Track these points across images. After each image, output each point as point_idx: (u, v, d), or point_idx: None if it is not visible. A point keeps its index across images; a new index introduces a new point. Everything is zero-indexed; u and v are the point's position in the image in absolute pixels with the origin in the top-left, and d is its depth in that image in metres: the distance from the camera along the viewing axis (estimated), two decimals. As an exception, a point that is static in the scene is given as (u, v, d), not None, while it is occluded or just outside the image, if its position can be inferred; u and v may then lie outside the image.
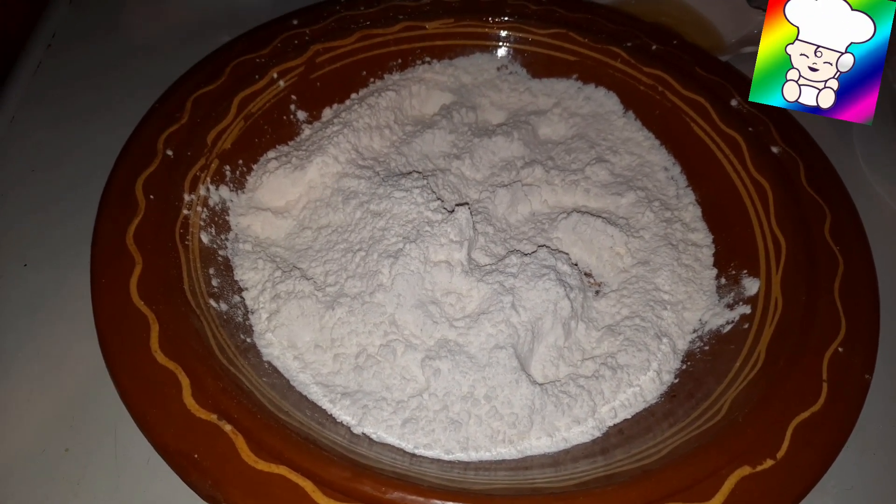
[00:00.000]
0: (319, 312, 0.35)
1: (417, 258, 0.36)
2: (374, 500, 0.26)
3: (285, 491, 0.26)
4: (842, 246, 0.36)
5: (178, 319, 0.31)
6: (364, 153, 0.43)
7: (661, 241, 0.41)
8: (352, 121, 0.43)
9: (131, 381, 0.29)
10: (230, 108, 0.41)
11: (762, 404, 0.30)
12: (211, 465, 0.27)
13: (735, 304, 0.37)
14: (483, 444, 0.32)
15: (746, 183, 0.40)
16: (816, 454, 0.29)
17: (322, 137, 0.43)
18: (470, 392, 0.33)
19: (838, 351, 0.32)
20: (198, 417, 0.28)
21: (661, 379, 0.35)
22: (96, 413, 0.36)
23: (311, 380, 0.34)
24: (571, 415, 0.33)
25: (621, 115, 0.47)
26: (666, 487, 0.27)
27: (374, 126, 0.44)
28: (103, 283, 0.32)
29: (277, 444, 0.27)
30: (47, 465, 0.34)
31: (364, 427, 0.32)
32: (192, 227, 0.36)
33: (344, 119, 0.44)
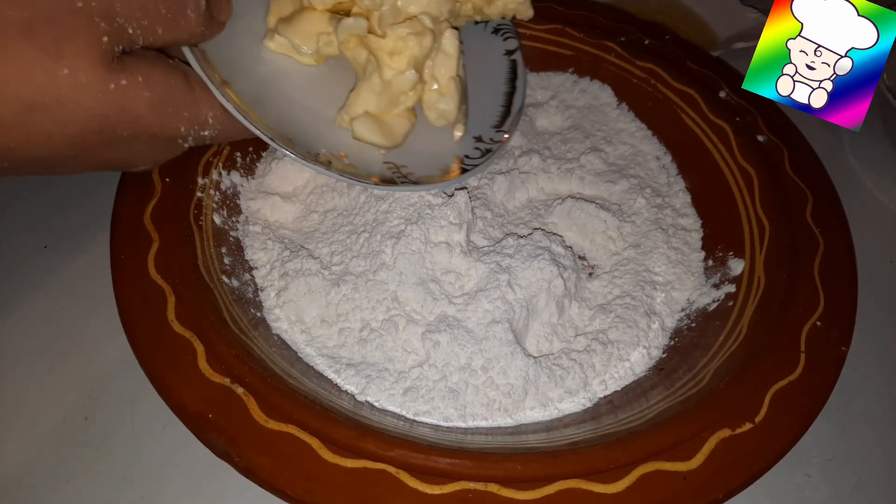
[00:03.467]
0: (325, 289, 0.37)
1: (418, 239, 0.38)
2: (377, 457, 0.28)
3: (294, 448, 0.28)
4: (822, 228, 0.38)
5: (192, 292, 0.33)
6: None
7: (651, 225, 0.43)
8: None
9: (150, 349, 0.31)
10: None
11: (743, 373, 0.32)
12: (225, 424, 0.29)
13: (721, 284, 0.39)
14: (480, 412, 0.34)
15: (733, 170, 0.42)
16: (793, 419, 0.31)
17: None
18: (468, 363, 0.35)
19: (816, 325, 0.34)
20: (212, 381, 0.30)
21: (650, 354, 0.37)
22: (114, 385, 0.38)
23: (317, 352, 0.36)
24: (564, 386, 0.35)
25: (615, 106, 0.49)
26: (650, 447, 0.29)
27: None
28: (122, 259, 0.34)
29: (286, 406, 0.29)
30: (68, 433, 0.36)
31: (367, 395, 0.34)
32: (205, 208, 0.38)
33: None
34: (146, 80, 0.26)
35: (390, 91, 0.33)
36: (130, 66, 0.26)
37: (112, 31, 0.25)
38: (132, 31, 0.25)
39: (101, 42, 0.24)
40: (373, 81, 0.33)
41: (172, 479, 0.35)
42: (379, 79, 0.33)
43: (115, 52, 0.25)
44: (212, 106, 0.30)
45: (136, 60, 0.26)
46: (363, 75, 0.34)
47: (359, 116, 0.33)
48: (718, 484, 0.28)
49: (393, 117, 0.34)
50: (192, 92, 0.29)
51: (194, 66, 0.29)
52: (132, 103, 0.26)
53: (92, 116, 0.25)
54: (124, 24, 0.25)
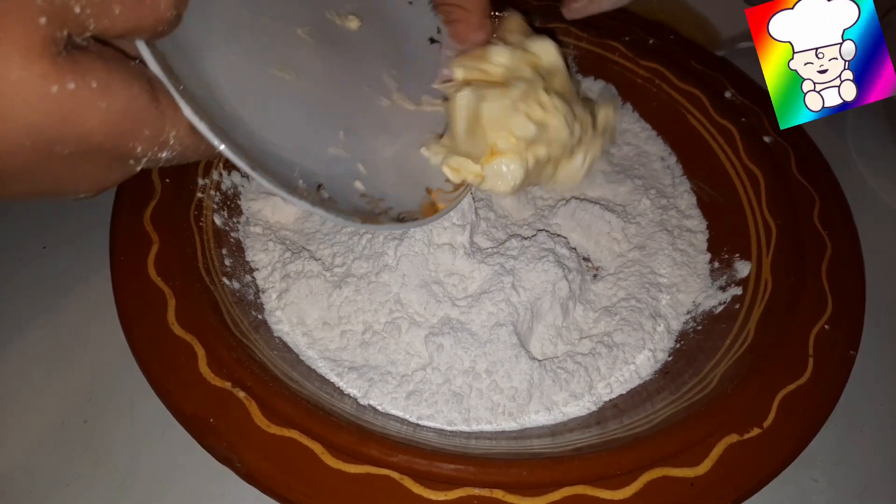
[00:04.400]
0: (327, 291, 0.37)
1: (421, 240, 0.37)
2: (380, 463, 0.28)
3: (296, 453, 0.28)
4: (830, 230, 0.37)
5: (193, 294, 0.32)
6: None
7: (657, 227, 0.42)
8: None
9: (150, 352, 0.30)
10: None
11: (750, 377, 0.31)
12: (226, 428, 0.28)
13: (727, 287, 0.38)
14: (484, 416, 0.34)
15: (739, 171, 0.42)
16: (801, 424, 0.30)
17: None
18: (471, 367, 0.34)
19: (824, 328, 0.33)
20: (213, 385, 0.29)
21: (656, 357, 0.37)
22: (113, 388, 0.37)
23: (319, 355, 0.35)
24: (569, 390, 0.35)
25: (619, 106, 0.49)
26: (657, 453, 0.29)
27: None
28: (122, 261, 0.33)
29: (288, 410, 0.29)
30: (67, 436, 0.36)
31: (370, 399, 0.33)
32: (205, 209, 0.38)
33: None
34: (102, 85, 0.20)
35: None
36: (83, 66, 0.19)
37: (52, 10, 0.18)
38: (80, 9, 0.19)
39: (37, 24, 0.18)
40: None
41: (172, 483, 0.34)
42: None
43: (59, 41, 0.19)
44: (177, 123, 0.23)
45: (90, 59, 0.20)
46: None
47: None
48: (726, 490, 0.28)
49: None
50: (157, 105, 0.22)
51: (156, 70, 0.22)
52: (81, 114, 0.20)
53: (23, 128, 0.19)
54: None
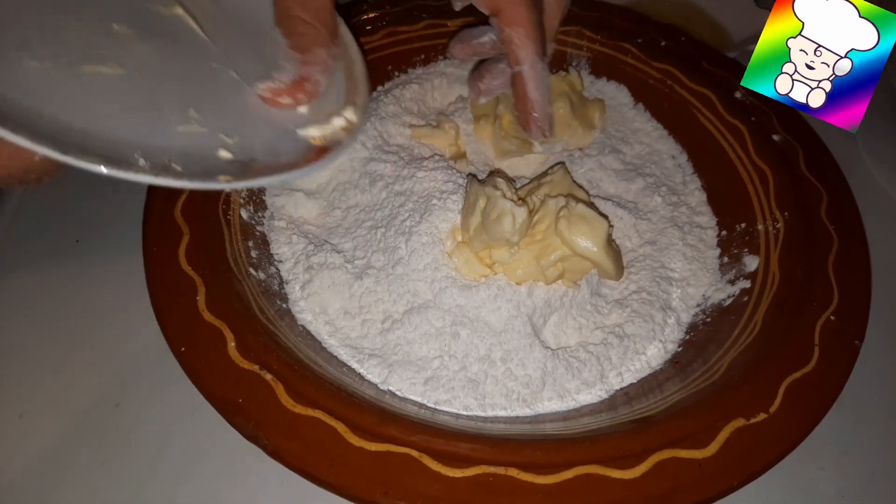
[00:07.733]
0: (349, 282, 0.38)
1: (427, 234, 0.38)
2: (400, 441, 0.29)
3: (320, 432, 0.29)
4: (837, 225, 0.38)
5: (222, 283, 0.34)
6: (389, 140, 0.46)
7: (667, 223, 0.43)
8: (378, 110, 0.46)
9: (181, 337, 0.32)
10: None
11: (757, 365, 0.33)
12: (253, 408, 0.30)
13: (736, 280, 0.39)
14: (499, 402, 0.35)
15: (749, 169, 0.43)
16: (807, 410, 0.31)
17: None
18: (487, 354, 0.36)
19: (830, 319, 0.34)
20: (241, 367, 0.31)
21: (666, 348, 0.38)
22: (144, 374, 0.39)
23: (341, 343, 0.37)
24: (581, 378, 0.36)
25: (632, 106, 0.50)
26: (666, 435, 0.30)
27: (398, 115, 0.47)
28: (154, 251, 0.35)
29: (313, 392, 0.30)
30: (100, 418, 0.38)
31: (389, 385, 0.35)
32: (233, 203, 0.39)
33: (371, 109, 0.47)
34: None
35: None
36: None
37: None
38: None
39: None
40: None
41: (200, 463, 0.36)
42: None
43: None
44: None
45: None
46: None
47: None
48: (733, 471, 0.29)
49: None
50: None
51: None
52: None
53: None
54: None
